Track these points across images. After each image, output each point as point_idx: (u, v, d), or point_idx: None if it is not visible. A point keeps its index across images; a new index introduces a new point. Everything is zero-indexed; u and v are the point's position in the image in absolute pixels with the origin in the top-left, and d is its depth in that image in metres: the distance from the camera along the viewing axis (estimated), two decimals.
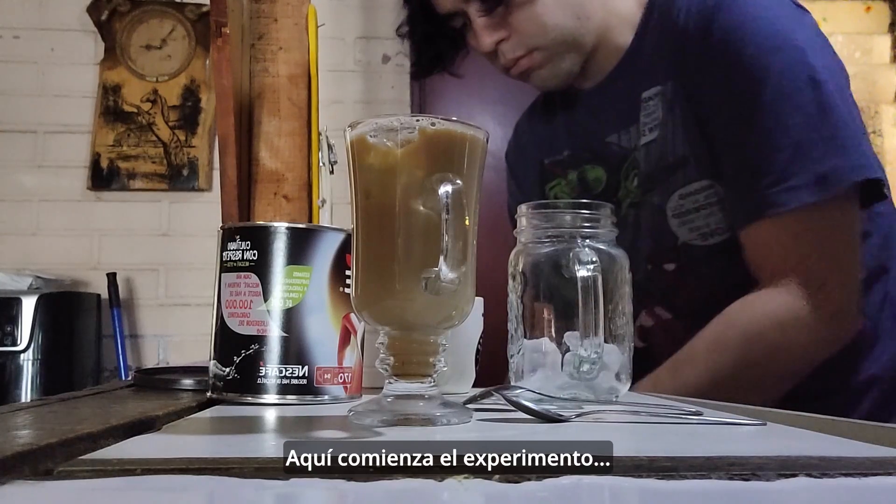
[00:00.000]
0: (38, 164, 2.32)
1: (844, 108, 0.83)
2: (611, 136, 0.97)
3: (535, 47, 0.94)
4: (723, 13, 0.85)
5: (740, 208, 0.85)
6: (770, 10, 0.86)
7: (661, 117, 0.91)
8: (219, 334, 0.56)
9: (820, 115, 0.81)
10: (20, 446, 0.30)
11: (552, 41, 0.93)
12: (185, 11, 2.40)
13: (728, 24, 0.84)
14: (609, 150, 0.98)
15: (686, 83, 0.89)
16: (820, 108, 0.81)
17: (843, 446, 0.38)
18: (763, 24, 0.84)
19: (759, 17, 0.84)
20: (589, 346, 0.53)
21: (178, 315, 2.27)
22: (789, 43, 0.83)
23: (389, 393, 0.45)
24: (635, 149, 0.94)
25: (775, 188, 0.81)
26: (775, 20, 0.85)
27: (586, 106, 1.01)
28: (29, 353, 1.93)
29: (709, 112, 0.87)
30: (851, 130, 0.82)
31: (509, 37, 0.93)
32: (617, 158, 0.97)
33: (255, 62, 0.88)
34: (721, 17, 0.85)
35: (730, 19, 0.84)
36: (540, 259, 0.58)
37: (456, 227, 0.42)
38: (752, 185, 0.83)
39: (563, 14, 0.92)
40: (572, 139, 1.04)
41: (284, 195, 0.86)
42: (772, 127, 0.82)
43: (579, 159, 1.02)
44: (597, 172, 1.00)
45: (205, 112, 2.36)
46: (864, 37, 2.71)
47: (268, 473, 0.28)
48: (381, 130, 0.45)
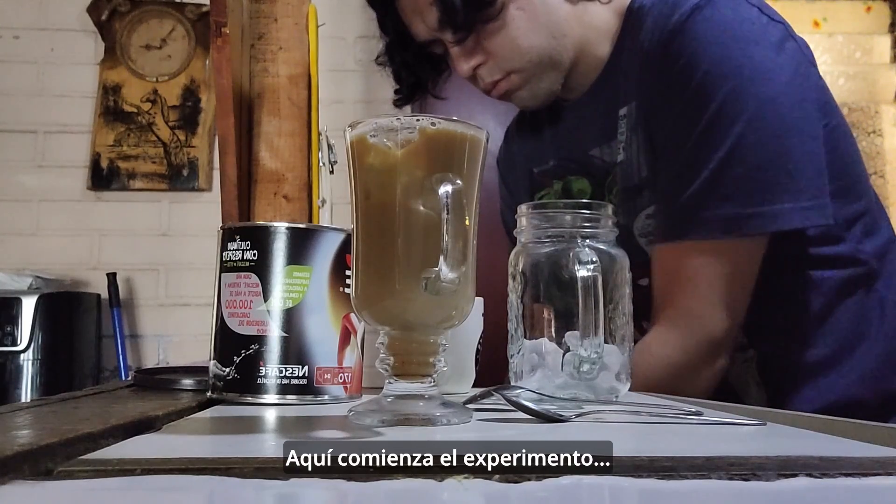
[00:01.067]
0: (38, 164, 2.32)
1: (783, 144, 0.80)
2: (593, 149, 0.97)
3: (512, 70, 0.92)
4: (679, 37, 0.82)
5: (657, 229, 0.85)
6: (729, 32, 0.82)
7: (626, 138, 0.90)
8: (219, 334, 0.56)
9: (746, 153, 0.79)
10: (20, 446, 0.30)
11: (528, 62, 0.92)
12: (185, 11, 2.40)
13: (682, 48, 0.82)
14: (592, 162, 0.97)
15: (645, 105, 0.88)
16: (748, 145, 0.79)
17: (843, 446, 0.38)
18: (716, 50, 0.81)
19: (713, 41, 0.81)
20: (589, 346, 0.53)
21: (178, 315, 2.27)
22: (739, 72, 0.80)
23: (389, 393, 0.45)
24: (616, 164, 0.93)
25: (685, 215, 0.82)
26: (731, 45, 0.81)
27: (570, 118, 1.01)
28: (29, 353, 1.93)
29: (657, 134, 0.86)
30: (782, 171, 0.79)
31: (486, 61, 0.92)
32: (600, 172, 0.96)
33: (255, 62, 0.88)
34: (677, 41, 0.83)
35: (685, 44, 0.82)
36: (540, 259, 0.58)
37: (456, 227, 0.42)
38: (669, 206, 0.84)
39: (537, 35, 0.91)
40: (557, 150, 1.03)
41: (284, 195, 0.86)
42: (697, 156, 0.81)
43: (564, 169, 1.02)
44: (581, 184, 0.99)
45: (205, 112, 2.36)
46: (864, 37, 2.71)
47: (268, 473, 0.28)
48: (381, 130, 0.45)
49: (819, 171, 0.81)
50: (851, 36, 2.70)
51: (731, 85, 0.80)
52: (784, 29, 0.85)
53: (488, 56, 0.92)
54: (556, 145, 1.03)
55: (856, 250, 0.88)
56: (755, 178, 0.79)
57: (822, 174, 0.81)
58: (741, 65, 0.81)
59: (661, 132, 0.86)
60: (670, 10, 0.84)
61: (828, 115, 0.88)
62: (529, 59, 0.92)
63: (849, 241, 0.88)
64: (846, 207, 0.87)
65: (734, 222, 0.80)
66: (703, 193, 0.81)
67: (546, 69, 0.93)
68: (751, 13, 0.83)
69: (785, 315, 0.88)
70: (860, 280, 0.88)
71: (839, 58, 2.69)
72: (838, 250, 0.87)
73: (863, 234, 0.89)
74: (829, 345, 0.87)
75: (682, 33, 0.82)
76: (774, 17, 0.85)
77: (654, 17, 0.86)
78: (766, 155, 0.79)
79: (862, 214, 0.90)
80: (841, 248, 0.87)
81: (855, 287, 0.88)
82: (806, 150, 0.81)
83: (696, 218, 0.81)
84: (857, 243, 0.88)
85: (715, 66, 0.81)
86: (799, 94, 0.83)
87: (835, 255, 0.87)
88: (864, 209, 0.90)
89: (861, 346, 0.87)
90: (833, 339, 0.87)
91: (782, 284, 0.87)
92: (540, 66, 0.93)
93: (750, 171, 0.79)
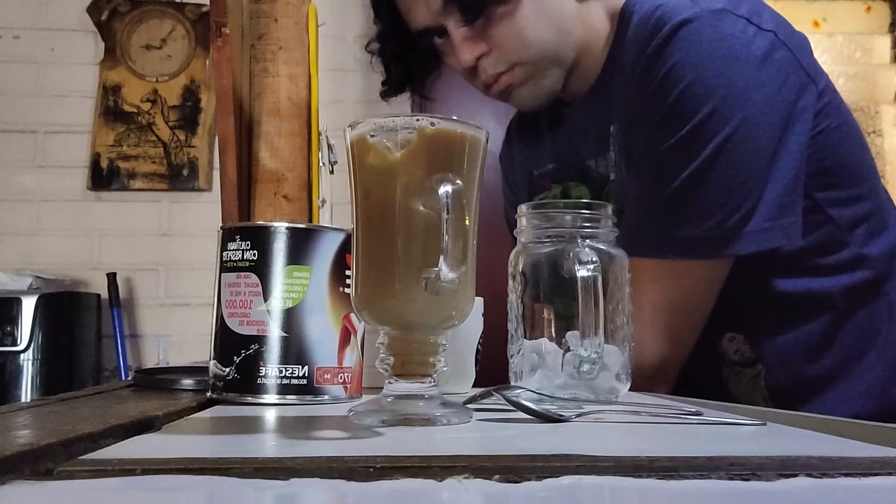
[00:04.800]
0: (38, 164, 2.32)
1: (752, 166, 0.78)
2: (589, 160, 0.96)
3: (517, 62, 0.91)
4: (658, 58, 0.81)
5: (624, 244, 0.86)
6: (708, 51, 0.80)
7: (615, 159, 0.89)
8: (219, 334, 0.56)
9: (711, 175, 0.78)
10: (20, 446, 0.30)
11: (534, 55, 0.90)
12: (185, 11, 2.40)
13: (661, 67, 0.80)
14: (589, 172, 0.97)
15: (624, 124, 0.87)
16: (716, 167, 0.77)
17: (843, 446, 0.38)
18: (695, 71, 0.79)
19: (692, 62, 0.79)
20: (589, 346, 0.53)
21: (178, 315, 2.27)
22: (715, 93, 0.78)
23: (389, 393, 0.45)
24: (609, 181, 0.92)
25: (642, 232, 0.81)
26: (709, 65, 0.79)
27: (567, 125, 1.00)
28: (29, 353, 1.93)
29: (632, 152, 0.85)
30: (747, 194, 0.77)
31: (490, 52, 0.90)
32: (597, 181, 0.95)
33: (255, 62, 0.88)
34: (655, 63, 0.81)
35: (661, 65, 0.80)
36: (540, 259, 0.58)
37: (456, 227, 0.42)
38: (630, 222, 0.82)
39: (544, 27, 0.89)
40: (556, 154, 1.02)
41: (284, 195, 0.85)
42: (663, 175, 0.80)
43: (563, 174, 1.01)
44: (580, 190, 0.99)
45: (205, 112, 2.36)
46: (864, 37, 2.71)
47: (268, 473, 0.28)
48: (381, 130, 0.45)
49: (788, 189, 0.79)
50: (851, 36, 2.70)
51: (708, 107, 0.78)
52: (773, 37, 0.81)
53: (493, 46, 0.90)
54: (554, 148, 1.03)
55: (860, 254, 0.86)
56: (716, 200, 0.78)
57: (792, 192, 0.79)
58: (719, 86, 0.79)
59: (635, 150, 0.85)
60: (651, 30, 0.82)
61: (829, 117, 0.85)
62: (535, 52, 0.90)
63: (853, 244, 0.86)
64: (848, 209, 0.86)
65: (690, 245, 0.79)
66: (663, 212, 0.80)
67: (550, 65, 0.92)
68: (735, 27, 0.80)
69: (791, 328, 0.86)
70: (868, 285, 0.87)
71: (839, 58, 2.69)
72: (842, 257, 0.86)
73: (867, 236, 0.87)
74: (837, 356, 0.86)
75: (661, 53, 0.80)
76: (763, 27, 0.81)
77: (637, 35, 0.84)
78: (731, 178, 0.78)
79: (868, 215, 0.88)
80: (845, 253, 0.86)
81: (863, 293, 0.86)
82: (778, 169, 0.79)
83: (654, 237, 0.80)
84: (862, 247, 0.86)
85: (692, 87, 0.79)
86: (780, 110, 0.80)
87: (840, 263, 0.86)
88: (871, 210, 0.88)
89: (869, 354, 0.86)
90: (841, 349, 0.86)
91: (787, 297, 0.86)
92: (544, 61, 0.91)
93: (712, 193, 0.78)
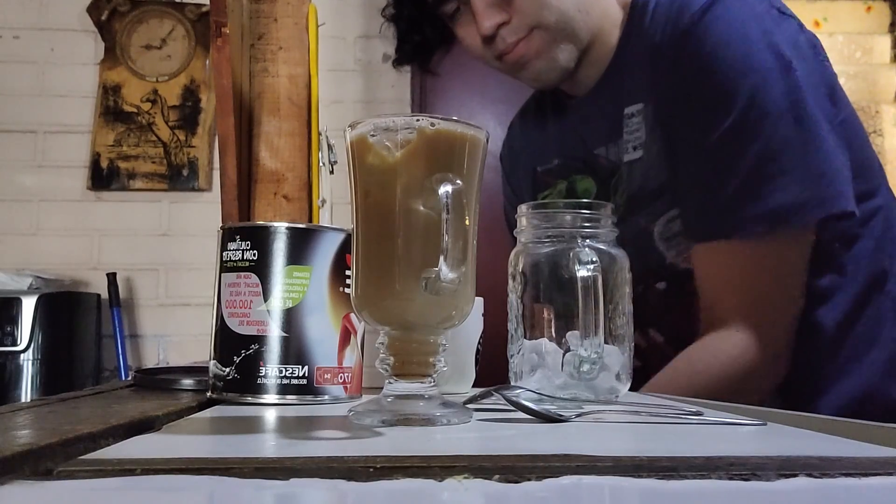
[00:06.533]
0: (38, 164, 2.32)
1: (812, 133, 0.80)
2: (598, 148, 0.96)
3: (537, 25, 0.91)
4: (692, 38, 0.82)
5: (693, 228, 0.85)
6: (743, 28, 0.82)
7: (643, 138, 0.89)
8: (219, 334, 0.56)
9: (782, 145, 0.79)
10: (20, 446, 0.30)
11: (554, 21, 0.91)
12: (185, 11, 2.40)
13: (698, 48, 0.82)
14: (597, 161, 0.97)
15: (662, 107, 0.87)
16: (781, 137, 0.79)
17: (843, 446, 0.38)
18: (732, 48, 0.81)
19: (728, 40, 0.81)
20: (589, 346, 0.53)
21: (178, 315, 2.27)
22: (760, 65, 0.80)
23: (389, 393, 0.45)
24: (622, 164, 0.93)
25: (726, 214, 0.81)
26: (746, 41, 0.81)
27: (575, 115, 1.00)
28: (29, 353, 1.93)
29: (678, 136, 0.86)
30: (817, 158, 0.79)
31: (510, 20, 0.91)
32: (605, 171, 0.96)
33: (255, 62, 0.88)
34: (691, 42, 0.82)
35: (701, 43, 0.82)
36: (540, 259, 0.58)
37: (456, 227, 0.42)
38: (705, 205, 0.83)
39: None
40: (562, 148, 1.02)
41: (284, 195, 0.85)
42: (730, 154, 0.80)
43: (569, 168, 1.01)
44: (586, 183, 0.99)
45: (205, 112, 2.36)
46: (865, 37, 2.71)
47: (268, 473, 0.28)
48: (380, 130, 0.45)
49: (843, 160, 0.81)
50: (851, 36, 2.70)
51: (752, 82, 0.80)
52: (796, 23, 0.85)
53: (514, 13, 0.91)
54: (560, 143, 1.03)
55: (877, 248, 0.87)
56: (790, 170, 0.79)
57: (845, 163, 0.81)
58: (759, 60, 0.80)
59: (683, 134, 0.85)
60: (679, 10, 0.84)
61: (843, 110, 0.87)
62: (555, 19, 0.91)
63: (866, 237, 0.87)
64: (862, 203, 0.86)
65: (780, 216, 0.79)
66: (742, 191, 0.80)
67: (566, 39, 0.93)
68: (761, 7, 0.83)
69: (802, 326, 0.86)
70: (876, 283, 0.87)
71: (839, 58, 2.69)
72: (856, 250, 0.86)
73: (879, 231, 0.88)
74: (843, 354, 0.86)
75: (695, 33, 0.82)
76: (785, 11, 0.85)
77: (663, 17, 0.86)
78: (797, 147, 0.79)
79: (878, 210, 0.88)
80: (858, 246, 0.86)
81: (871, 292, 0.87)
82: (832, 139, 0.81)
83: (740, 216, 0.80)
84: (873, 241, 0.87)
85: (734, 65, 0.80)
86: (818, 85, 0.83)
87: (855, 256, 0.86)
88: (881, 206, 0.89)
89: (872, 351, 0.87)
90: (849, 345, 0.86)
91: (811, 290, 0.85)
92: (562, 33, 0.92)
93: (784, 164, 0.79)
